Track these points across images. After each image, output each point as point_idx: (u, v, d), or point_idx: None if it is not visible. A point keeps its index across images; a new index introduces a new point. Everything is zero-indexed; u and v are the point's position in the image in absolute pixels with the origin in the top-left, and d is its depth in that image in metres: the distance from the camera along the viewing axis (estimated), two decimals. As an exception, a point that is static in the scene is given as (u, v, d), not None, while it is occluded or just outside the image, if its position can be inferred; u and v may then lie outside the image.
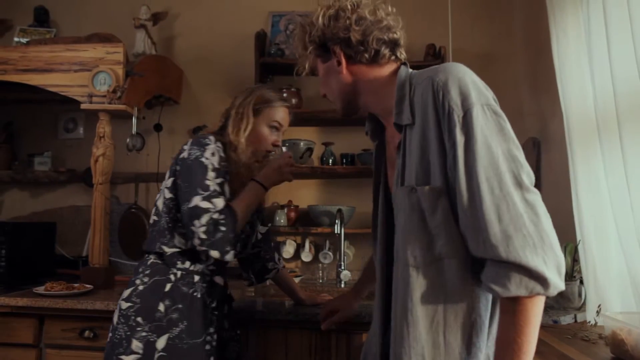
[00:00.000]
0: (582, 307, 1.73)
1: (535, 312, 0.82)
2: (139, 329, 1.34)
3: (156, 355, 1.31)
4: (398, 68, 1.08)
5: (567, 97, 1.79)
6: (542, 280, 0.79)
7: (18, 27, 2.81)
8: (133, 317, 1.36)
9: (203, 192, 1.33)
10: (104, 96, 2.15)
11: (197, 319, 1.39)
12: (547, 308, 1.75)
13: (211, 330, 1.42)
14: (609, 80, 1.48)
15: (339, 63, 1.09)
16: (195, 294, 1.41)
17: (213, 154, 1.41)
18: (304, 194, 2.68)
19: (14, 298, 1.86)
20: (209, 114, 2.69)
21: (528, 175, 0.85)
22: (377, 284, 1.11)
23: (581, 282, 1.73)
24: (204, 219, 1.29)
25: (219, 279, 1.50)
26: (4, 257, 2.09)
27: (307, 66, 1.16)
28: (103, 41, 2.33)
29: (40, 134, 2.90)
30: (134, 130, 2.30)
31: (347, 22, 1.05)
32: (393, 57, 1.09)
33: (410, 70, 1.06)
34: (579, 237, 1.69)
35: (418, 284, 0.92)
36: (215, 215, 1.30)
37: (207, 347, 1.40)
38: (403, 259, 0.95)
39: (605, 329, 1.35)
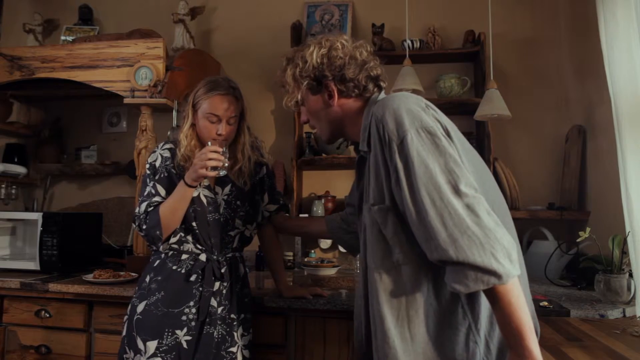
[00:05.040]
0: (631, 301, 1.67)
1: (512, 295, 0.90)
2: (134, 296, 1.58)
3: (135, 317, 1.52)
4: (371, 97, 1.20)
5: (616, 83, 1.71)
6: (494, 273, 0.88)
7: (64, 26, 2.93)
8: (136, 288, 1.60)
9: (140, 197, 1.58)
10: (146, 90, 2.22)
11: (173, 291, 1.52)
12: (594, 302, 1.70)
13: (191, 303, 1.51)
14: (662, 64, 1.41)
15: (330, 96, 1.21)
16: (178, 269, 1.54)
17: (155, 160, 1.60)
18: (341, 184, 2.68)
19: (66, 285, 1.96)
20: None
21: (467, 183, 0.95)
22: (360, 283, 1.24)
23: (630, 275, 1.67)
24: (135, 222, 1.56)
25: (204, 257, 1.56)
26: (56, 245, 2.20)
27: (298, 97, 1.25)
28: (144, 37, 2.40)
29: (86, 129, 3.02)
30: (175, 123, 2.34)
31: (341, 61, 1.18)
32: (376, 89, 1.21)
33: (381, 97, 1.18)
34: (627, 229, 1.62)
35: (382, 286, 1.06)
36: (142, 217, 1.53)
37: (184, 318, 1.50)
38: (370, 266, 1.09)
39: (656, 324, 1.29)
